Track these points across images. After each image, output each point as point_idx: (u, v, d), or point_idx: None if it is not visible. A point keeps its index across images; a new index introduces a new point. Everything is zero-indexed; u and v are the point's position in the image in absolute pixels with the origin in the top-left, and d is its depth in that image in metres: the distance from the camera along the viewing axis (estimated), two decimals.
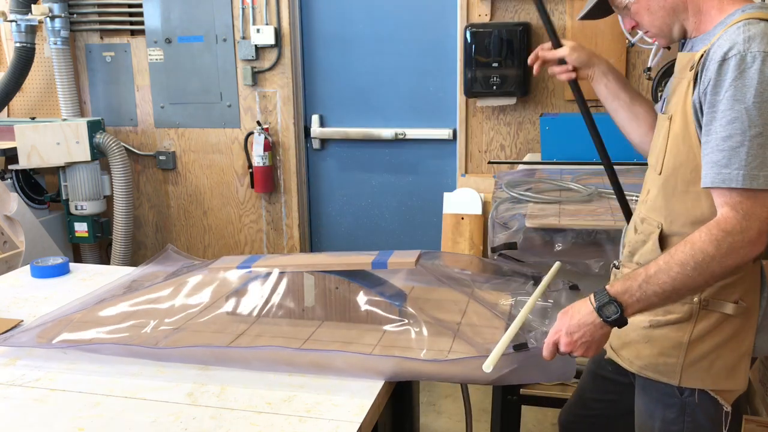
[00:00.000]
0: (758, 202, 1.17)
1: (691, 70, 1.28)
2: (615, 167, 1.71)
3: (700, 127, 1.26)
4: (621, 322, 1.25)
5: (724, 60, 1.18)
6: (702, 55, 1.25)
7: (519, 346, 1.35)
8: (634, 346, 1.41)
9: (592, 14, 1.46)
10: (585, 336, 1.26)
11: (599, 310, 1.24)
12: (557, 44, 1.64)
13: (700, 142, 1.26)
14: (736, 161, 1.16)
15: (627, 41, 3.15)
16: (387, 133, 3.89)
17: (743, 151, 1.16)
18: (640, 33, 1.41)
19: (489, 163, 3.67)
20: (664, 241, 1.35)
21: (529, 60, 1.68)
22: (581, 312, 1.27)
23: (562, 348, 1.28)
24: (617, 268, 1.52)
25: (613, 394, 1.61)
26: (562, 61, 1.64)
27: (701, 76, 1.24)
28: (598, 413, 1.68)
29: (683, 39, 1.40)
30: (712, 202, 1.25)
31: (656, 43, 1.43)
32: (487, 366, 1.29)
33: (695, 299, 1.32)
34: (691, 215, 1.31)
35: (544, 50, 1.65)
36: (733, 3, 1.29)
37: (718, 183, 1.19)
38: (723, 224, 1.19)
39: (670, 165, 1.34)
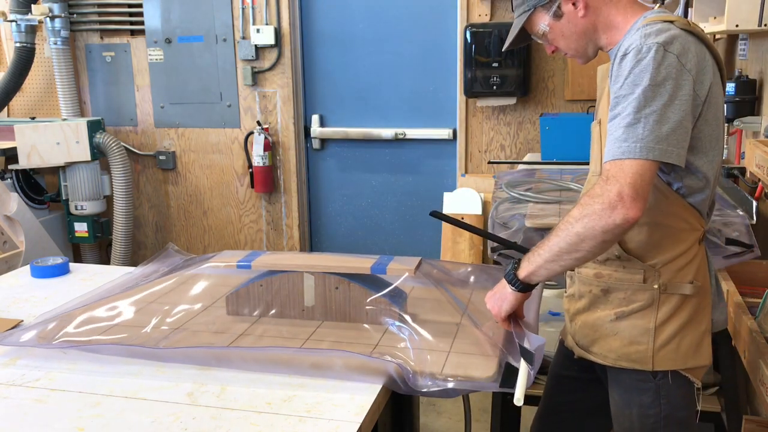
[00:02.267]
0: (624, 167, 1.24)
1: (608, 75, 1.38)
2: None
3: None
4: (516, 281, 1.41)
5: (624, 55, 1.30)
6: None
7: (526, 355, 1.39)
8: (603, 340, 1.46)
9: (515, 42, 1.56)
10: (496, 295, 1.47)
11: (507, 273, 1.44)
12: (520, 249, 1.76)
13: None
14: (634, 136, 1.25)
15: None
16: (387, 133, 3.89)
17: (640, 127, 1.25)
18: None
19: (489, 163, 3.67)
20: None
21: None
22: (500, 282, 1.48)
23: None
24: (572, 269, 1.53)
25: (579, 392, 1.66)
26: None
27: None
28: (568, 414, 1.71)
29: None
30: (653, 188, 1.32)
31: None
32: (519, 400, 1.32)
33: (655, 285, 1.38)
34: None
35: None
36: (634, 13, 1.40)
37: (618, 155, 1.25)
38: (591, 191, 1.29)
39: None
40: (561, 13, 1.42)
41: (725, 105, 1.99)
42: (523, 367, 1.36)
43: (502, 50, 1.62)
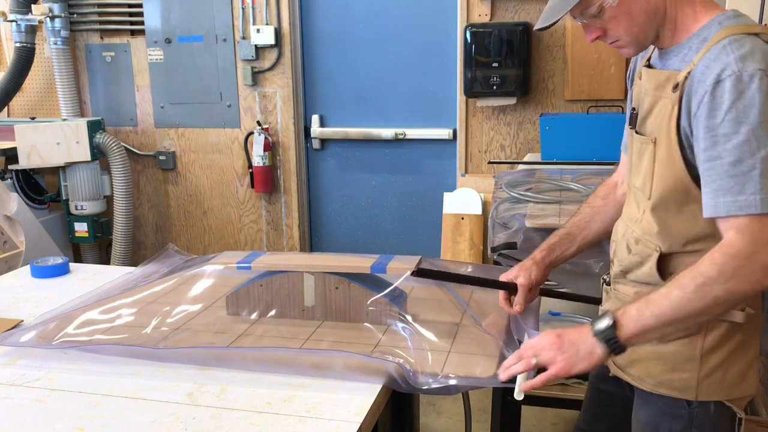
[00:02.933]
0: (761, 227, 1.11)
1: (674, 91, 1.22)
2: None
3: (687, 151, 1.22)
4: (614, 342, 1.19)
5: (718, 82, 1.12)
6: (686, 77, 1.20)
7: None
8: (642, 363, 1.37)
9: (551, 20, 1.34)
10: (572, 349, 1.22)
11: (593, 325, 1.21)
12: (510, 288, 1.56)
13: (686, 166, 1.22)
14: (751, 186, 1.10)
15: None
16: (387, 133, 3.89)
17: (756, 175, 1.10)
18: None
19: (489, 163, 3.67)
20: (662, 264, 1.32)
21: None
22: (575, 332, 1.24)
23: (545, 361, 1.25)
24: (608, 284, 1.48)
25: (618, 407, 1.57)
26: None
27: (688, 100, 1.19)
28: (608, 427, 1.64)
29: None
30: (711, 223, 1.22)
31: None
32: (518, 394, 1.28)
33: None
34: (690, 234, 1.27)
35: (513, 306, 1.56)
36: (706, 12, 1.24)
37: (734, 211, 1.12)
38: (727, 248, 1.14)
39: (658, 190, 1.29)
40: None
41: None
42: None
43: (534, 29, 1.33)
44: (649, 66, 1.36)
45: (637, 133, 1.36)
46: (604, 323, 1.20)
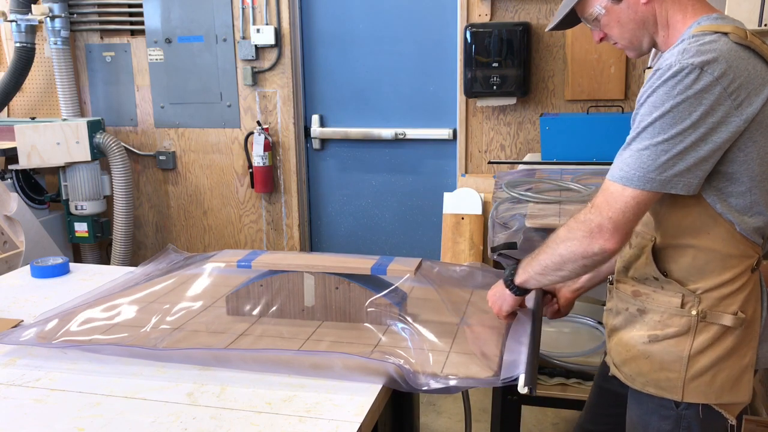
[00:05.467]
0: (611, 198, 1.24)
1: None
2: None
3: None
4: (512, 286, 1.48)
5: (657, 70, 1.22)
6: None
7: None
8: (634, 362, 1.39)
9: (559, 25, 1.47)
10: (497, 295, 1.54)
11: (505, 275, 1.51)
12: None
13: None
14: (637, 162, 1.22)
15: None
16: (387, 133, 3.89)
17: (646, 155, 1.21)
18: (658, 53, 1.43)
19: (489, 163, 3.67)
20: (657, 254, 1.35)
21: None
22: (500, 282, 1.54)
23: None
24: (611, 283, 1.50)
25: (620, 407, 1.57)
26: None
27: None
28: (610, 428, 1.64)
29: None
30: (700, 209, 1.27)
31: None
32: (522, 387, 1.30)
33: (693, 312, 1.30)
34: (681, 225, 1.30)
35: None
36: (694, 14, 1.29)
37: (615, 178, 1.24)
38: (577, 215, 1.31)
39: None
40: None
41: None
42: (529, 359, 1.35)
43: (546, 30, 1.55)
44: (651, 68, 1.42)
45: None
46: (508, 271, 1.49)
